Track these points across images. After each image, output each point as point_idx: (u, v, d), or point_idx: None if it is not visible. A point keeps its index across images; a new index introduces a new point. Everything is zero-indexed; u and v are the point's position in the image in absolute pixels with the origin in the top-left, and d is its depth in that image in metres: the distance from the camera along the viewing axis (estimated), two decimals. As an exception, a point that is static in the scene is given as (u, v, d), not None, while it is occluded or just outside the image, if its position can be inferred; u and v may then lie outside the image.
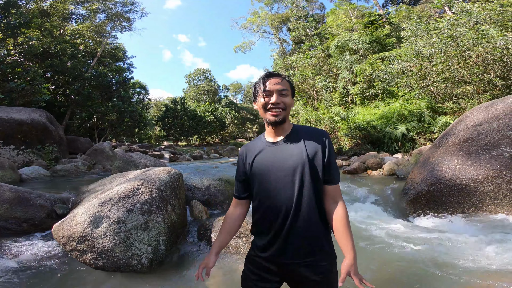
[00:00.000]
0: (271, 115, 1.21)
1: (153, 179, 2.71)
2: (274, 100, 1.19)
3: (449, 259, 2.17)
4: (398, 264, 2.18)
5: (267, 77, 1.24)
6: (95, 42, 20.30)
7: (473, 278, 1.84)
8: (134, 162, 5.70)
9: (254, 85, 1.28)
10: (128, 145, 16.03)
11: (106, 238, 2.12)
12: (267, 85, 1.21)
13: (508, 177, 2.79)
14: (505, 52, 7.44)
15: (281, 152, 1.21)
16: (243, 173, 1.30)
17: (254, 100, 1.30)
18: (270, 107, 1.20)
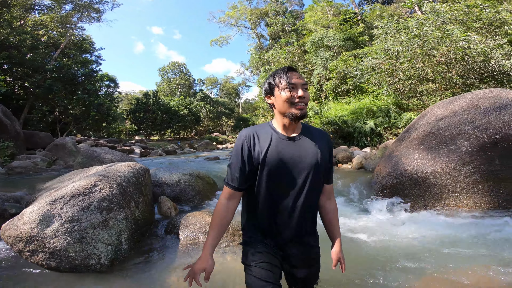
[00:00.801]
0: (297, 109, 1.16)
1: (114, 175, 2.54)
2: (301, 93, 1.16)
3: (404, 252, 2.27)
4: (358, 257, 2.24)
5: (290, 70, 1.20)
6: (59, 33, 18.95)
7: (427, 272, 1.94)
8: (99, 157, 5.37)
9: (272, 77, 1.23)
10: (95, 140, 15.17)
11: (57, 237, 1.95)
12: (292, 78, 1.17)
13: (465, 170, 2.97)
14: (466, 52, 7.94)
15: (299, 149, 1.21)
16: (250, 162, 1.20)
17: (270, 93, 1.25)
18: (296, 101, 1.16)
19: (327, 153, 1.27)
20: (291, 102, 1.16)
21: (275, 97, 1.22)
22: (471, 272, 1.85)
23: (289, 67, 1.21)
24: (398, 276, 1.86)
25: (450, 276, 1.83)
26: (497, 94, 3.48)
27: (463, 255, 2.14)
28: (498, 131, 2.97)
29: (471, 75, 8.41)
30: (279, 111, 1.22)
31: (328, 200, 1.36)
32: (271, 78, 1.24)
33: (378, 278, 1.84)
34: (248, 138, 1.22)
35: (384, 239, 2.54)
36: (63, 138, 9.72)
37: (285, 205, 1.21)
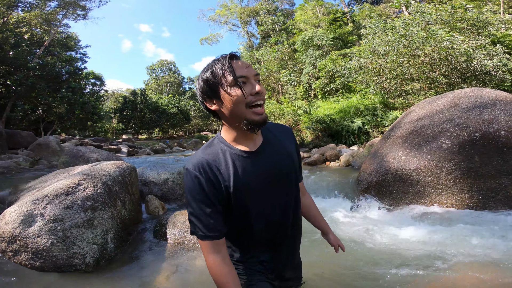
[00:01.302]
0: (257, 113, 0.87)
1: (99, 173, 2.50)
2: (259, 87, 0.87)
3: (388, 250, 2.33)
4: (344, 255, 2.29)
5: (231, 58, 0.88)
6: (43, 30, 18.44)
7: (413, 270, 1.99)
8: (84, 156, 5.24)
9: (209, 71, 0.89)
10: (80, 139, 14.82)
11: (40, 237, 1.91)
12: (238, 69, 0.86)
13: (446, 167, 3.07)
14: (450, 52, 8.18)
15: (269, 162, 0.97)
16: (219, 200, 0.91)
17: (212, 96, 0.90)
18: (252, 100, 0.86)
19: (295, 150, 1.10)
20: (246, 103, 0.86)
21: (221, 101, 0.89)
22: (453, 269, 1.92)
23: (233, 54, 0.90)
24: (382, 274, 1.91)
25: (435, 273, 1.89)
26: (477, 93, 3.61)
27: (447, 252, 2.22)
28: (478, 129, 3.08)
29: (454, 75, 8.68)
30: (230, 118, 0.91)
31: (303, 196, 1.25)
32: (208, 72, 0.90)
33: (363, 277, 1.88)
34: (201, 171, 0.90)
35: (369, 236, 2.60)
36: (47, 137, 9.45)
37: (279, 226, 1.03)
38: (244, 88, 0.85)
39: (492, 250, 2.09)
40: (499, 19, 10.54)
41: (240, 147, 0.95)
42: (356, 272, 1.90)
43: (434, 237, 2.44)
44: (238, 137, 0.95)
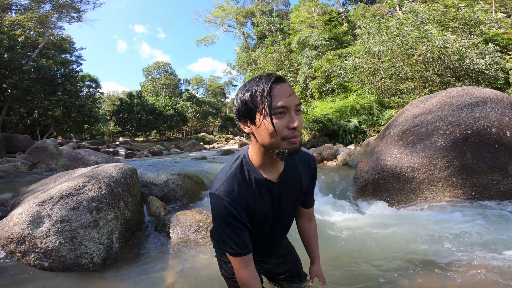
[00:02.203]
0: (291, 144, 0.85)
1: (102, 175, 2.56)
2: (297, 123, 0.83)
3: (384, 246, 2.40)
4: (343, 252, 2.36)
5: (276, 82, 0.83)
6: (37, 33, 18.42)
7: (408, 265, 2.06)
8: (83, 159, 5.28)
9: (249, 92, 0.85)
10: (77, 142, 14.79)
11: (49, 238, 1.96)
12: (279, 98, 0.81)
13: (440, 164, 3.16)
14: (443, 51, 8.33)
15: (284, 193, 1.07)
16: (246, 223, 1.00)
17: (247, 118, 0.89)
18: (288, 134, 0.84)
19: (311, 181, 1.20)
20: (281, 136, 0.84)
21: (255, 126, 0.87)
22: (449, 263, 2.01)
23: (276, 77, 0.84)
24: (379, 271, 1.99)
25: (432, 268, 1.98)
26: (469, 92, 3.71)
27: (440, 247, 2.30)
28: (469, 126, 3.18)
29: (447, 74, 8.83)
30: (262, 145, 0.91)
31: (308, 222, 1.32)
32: (247, 93, 0.86)
33: (359, 274, 1.95)
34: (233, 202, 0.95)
35: (366, 233, 2.67)
36: (44, 141, 9.43)
37: (271, 239, 1.22)
38: (281, 119, 0.82)
39: (488, 244, 2.18)
40: (490, 18, 10.74)
41: (266, 175, 1.00)
42: (352, 269, 1.97)
43: (430, 233, 2.51)
44: (265, 163, 0.98)
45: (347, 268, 1.98)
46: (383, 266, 1.96)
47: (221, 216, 0.96)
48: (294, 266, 1.43)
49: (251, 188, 0.99)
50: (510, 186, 2.97)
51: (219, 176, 1.02)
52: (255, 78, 0.87)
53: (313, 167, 1.18)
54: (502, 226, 2.47)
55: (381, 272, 1.87)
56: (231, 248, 0.99)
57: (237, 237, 0.98)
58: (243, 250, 1.00)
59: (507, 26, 12.43)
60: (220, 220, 0.97)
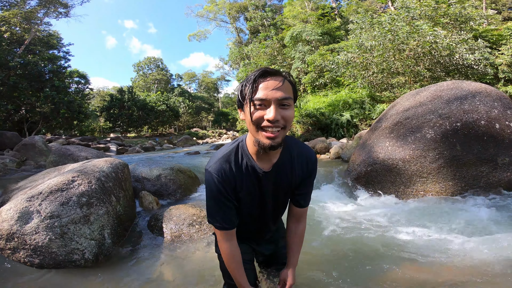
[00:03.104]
0: (266, 138, 0.89)
1: (92, 170, 2.51)
2: (272, 116, 0.85)
3: (376, 238, 2.44)
4: (334, 242, 2.39)
5: (262, 76, 0.88)
6: (23, 29, 18.00)
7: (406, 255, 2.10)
8: (73, 155, 5.18)
9: (242, 85, 0.94)
10: (66, 139, 14.50)
11: (38, 234, 1.92)
12: (261, 90, 0.86)
13: (430, 156, 3.21)
14: (433, 46, 8.42)
15: (274, 185, 1.11)
16: (233, 201, 1.08)
17: (240, 107, 0.98)
18: (264, 125, 0.88)
19: (306, 180, 1.17)
20: (258, 125, 0.89)
21: (244, 114, 0.96)
22: (437, 255, 2.05)
23: (265, 71, 0.88)
24: (369, 262, 2.02)
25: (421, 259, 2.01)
26: (458, 85, 3.77)
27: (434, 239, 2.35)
28: (458, 119, 3.23)
29: (437, 69, 8.95)
30: (250, 132, 0.98)
31: (296, 223, 1.27)
32: (241, 85, 0.95)
33: (348, 269, 1.97)
34: (223, 179, 1.03)
35: (358, 225, 2.71)
36: (32, 137, 9.21)
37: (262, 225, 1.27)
38: (260, 110, 0.87)
39: (475, 235, 2.24)
40: (480, 14, 10.89)
41: (259, 163, 1.05)
42: (343, 261, 1.99)
43: (420, 224, 2.56)
44: (259, 151, 1.01)
45: (335, 257, 2.00)
46: (372, 256, 2.00)
47: (211, 191, 1.05)
48: (281, 250, 1.45)
49: (241, 172, 1.05)
50: (498, 178, 3.04)
51: (216, 154, 1.10)
52: (252, 72, 0.93)
53: (311, 166, 1.16)
54: (490, 217, 2.53)
55: (369, 262, 1.90)
56: (217, 221, 1.08)
57: (223, 213, 1.07)
58: (228, 225, 1.08)
59: (497, 23, 12.64)
60: (210, 194, 1.07)
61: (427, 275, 1.70)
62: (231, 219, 1.09)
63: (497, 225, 2.37)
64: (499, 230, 2.26)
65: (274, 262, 1.47)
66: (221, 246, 1.13)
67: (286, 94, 0.88)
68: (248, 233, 1.29)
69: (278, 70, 0.90)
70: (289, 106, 0.89)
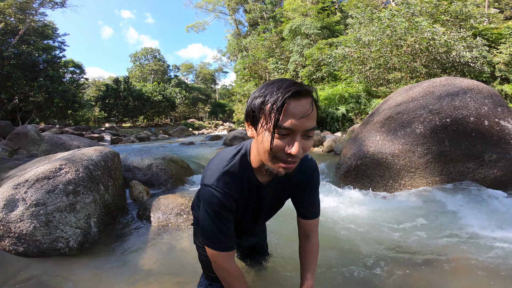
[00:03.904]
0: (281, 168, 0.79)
1: (80, 158, 2.50)
2: (296, 151, 0.74)
3: (363, 231, 2.47)
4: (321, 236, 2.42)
5: (293, 96, 0.71)
6: (18, 20, 17.87)
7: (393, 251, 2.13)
8: (64, 144, 5.15)
9: (261, 97, 0.76)
10: (60, 128, 14.41)
11: (23, 222, 1.92)
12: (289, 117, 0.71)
13: (419, 151, 3.24)
14: (431, 43, 8.40)
15: (270, 199, 1.08)
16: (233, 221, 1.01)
17: (250, 122, 0.82)
18: (282, 156, 0.77)
19: (306, 192, 1.11)
20: (276, 157, 0.78)
21: (256, 133, 0.81)
22: (421, 248, 2.09)
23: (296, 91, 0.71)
24: (356, 255, 2.05)
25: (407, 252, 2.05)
26: (451, 82, 3.78)
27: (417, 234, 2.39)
28: (448, 115, 3.25)
29: (434, 65, 8.96)
30: (258, 154, 0.87)
31: (306, 239, 1.15)
32: (259, 99, 0.76)
33: (334, 258, 2.01)
34: (227, 197, 0.94)
35: (346, 219, 2.74)
36: (25, 126, 9.11)
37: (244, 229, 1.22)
38: (282, 140, 0.74)
39: (459, 230, 2.28)
40: (481, 12, 10.85)
41: (259, 177, 0.98)
42: (331, 253, 2.02)
43: (407, 219, 2.59)
44: (262, 167, 0.91)
45: (324, 252, 2.03)
46: (361, 249, 2.03)
47: (213, 211, 0.93)
48: (260, 243, 1.51)
49: (243, 187, 0.97)
50: (484, 175, 3.08)
51: (214, 167, 0.97)
52: (274, 83, 0.76)
53: (309, 170, 1.08)
54: (472, 213, 2.57)
55: (355, 255, 1.93)
56: (222, 243, 0.96)
57: (227, 234, 0.96)
58: (233, 245, 0.99)
59: (499, 21, 12.59)
60: (211, 215, 0.94)
61: (409, 271, 1.74)
62: (232, 239, 0.99)
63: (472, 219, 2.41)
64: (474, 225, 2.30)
65: (253, 253, 1.49)
66: (225, 268, 1.00)
67: (313, 123, 0.76)
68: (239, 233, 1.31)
69: (307, 88, 0.75)
70: (312, 136, 0.79)
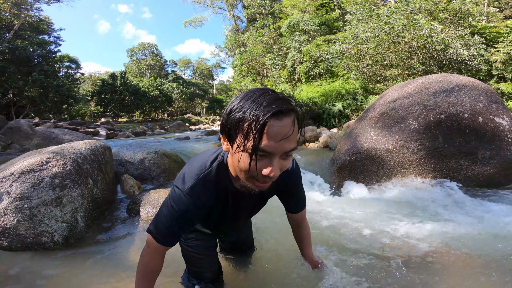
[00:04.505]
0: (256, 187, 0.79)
1: (68, 151, 2.45)
2: (273, 174, 0.71)
3: (355, 227, 2.45)
4: (317, 231, 2.40)
5: (274, 116, 0.66)
6: (13, 15, 17.77)
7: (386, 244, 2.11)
8: (57, 138, 5.08)
9: (240, 112, 0.69)
10: (54, 122, 14.25)
11: (7, 216, 1.88)
12: (268, 140, 0.67)
13: (412, 147, 3.22)
14: (428, 40, 8.36)
15: (249, 202, 1.09)
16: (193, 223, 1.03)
17: (225, 135, 0.77)
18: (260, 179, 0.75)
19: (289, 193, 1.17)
20: (251, 177, 0.76)
21: (232, 149, 0.76)
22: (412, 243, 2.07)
23: (278, 110, 0.66)
24: (346, 248, 2.03)
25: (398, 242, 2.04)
26: (446, 78, 3.76)
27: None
28: (443, 111, 3.23)
29: (431, 63, 8.93)
30: (233, 169, 0.87)
31: (298, 228, 1.32)
32: (237, 113, 0.70)
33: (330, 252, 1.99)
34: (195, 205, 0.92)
35: (339, 214, 2.72)
36: (18, 121, 9.02)
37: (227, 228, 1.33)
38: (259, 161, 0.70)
39: (443, 226, 2.27)
40: (480, 10, 10.81)
41: (236, 185, 0.96)
42: (320, 248, 2.00)
43: (398, 215, 2.58)
44: (238, 178, 0.88)
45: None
46: (348, 244, 2.01)
47: (176, 211, 0.92)
48: (246, 238, 1.52)
49: (219, 194, 0.96)
50: (477, 172, 3.06)
51: (190, 172, 0.94)
52: (253, 97, 0.69)
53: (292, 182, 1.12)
54: (463, 211, 2.55)
55: (346, 248, 1.92)
56: (162, 236, 0.95)
57: (175, 233, 0.95)
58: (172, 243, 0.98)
59: (498, 20, 12.57)
60: (171, 215, 0.93)
61: (398, 268, 1.72)
62: (176, 239, 0.98)
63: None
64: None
65: (237, 247, 1.48)
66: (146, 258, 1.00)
67: (293, 145, 0.72)
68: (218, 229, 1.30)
69: (290, 106, 0.70)
70: (291, 155, 0.76)
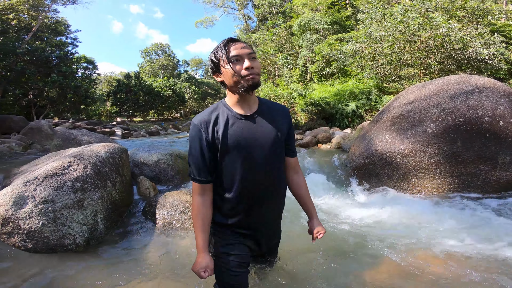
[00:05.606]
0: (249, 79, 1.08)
1: (88, 155, 2.54)
2: (249, 64, 1.08)
3: (369, 231, 2.43)
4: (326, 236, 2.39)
5: (231, 42, 1.12)
6: (31, 16, 18.47)
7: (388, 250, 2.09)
8: (76, 139, 5.25)
9: (213, 54, 1.15)
10: (73, 122, 14.72)
11: (32, 218, 1.97)
12: (233, 51, 1.09)
13: (429, 151, 3.15)
14: (446, 39, 8.09)
15: (260, 127, 1.17)
16: (209, 150, 1.14)
17: (216, 72, 1.17)
18: (244, 74, 1.08)
19: (287, 128, 1.28)
20: (240, 75, 1.09)
21: (223, 74, 1.14)
22: (426, 250, 2.03)
23: (229, 39, 1.13)
24: (360, 254, 2.01)
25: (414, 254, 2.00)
26: (466, 80, 3.64)
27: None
28: (462, 114, 3.14)
29: (449, 62, 8.64)
30: (230, 87, 1.16)
31: (296, 174, 1.37)
32: (212, 54, 1.16)
33: (339, 255, 1.98)
34: (203, 125, 1.15)
35: (351, 217, 2.70)
36: (39, 121, 9.36)
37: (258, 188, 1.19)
38: (238, 64, 1.09)
39: (467, 235, 2.21)
40: (500, 8, 10.37)
41: (237, 110, 1.17)
42: (332, 251, 2.00)
43: (413, 220, 2.53)
44: (237, 101, 1.17)
45: (324, 247, 2.01)
46: (362, 248, 2.00)
47: (192, 140, 1.17)
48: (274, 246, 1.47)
49: (221, 118, 1.16)
50: (497, 177, 2.96)
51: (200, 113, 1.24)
52: (217, 44, 1.16)
53: (287, 114, 1.30)
54: (482, 220, 2.46)
55: (360, 253, 1.90)
56: (192, 173, 1.18)
57: (198, 162, 1.15)
58: (201, 177, 1.16)
59: (518, 18, 12.00)
60: (190, 141, 1.18)
61: (408, 273, 1.70)
62: (205, 171, 1.16)
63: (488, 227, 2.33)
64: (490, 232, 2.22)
65: (266, 255, 1.47)
66: (193, 199, 1.20)
67: (251, 50, 1.12)
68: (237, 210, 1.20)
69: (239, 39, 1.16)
70: (255, 58, 1.12)
